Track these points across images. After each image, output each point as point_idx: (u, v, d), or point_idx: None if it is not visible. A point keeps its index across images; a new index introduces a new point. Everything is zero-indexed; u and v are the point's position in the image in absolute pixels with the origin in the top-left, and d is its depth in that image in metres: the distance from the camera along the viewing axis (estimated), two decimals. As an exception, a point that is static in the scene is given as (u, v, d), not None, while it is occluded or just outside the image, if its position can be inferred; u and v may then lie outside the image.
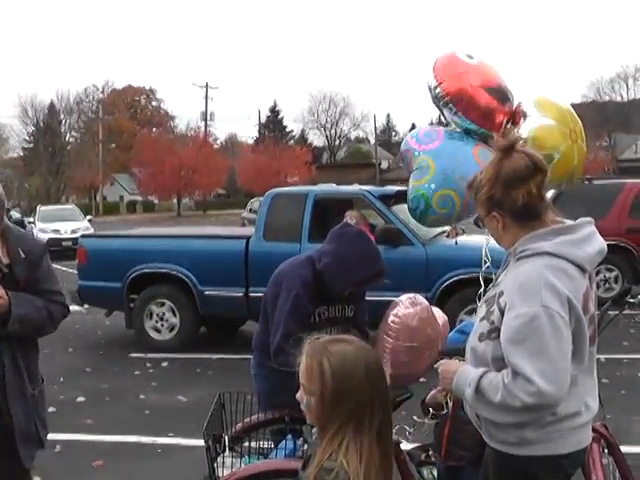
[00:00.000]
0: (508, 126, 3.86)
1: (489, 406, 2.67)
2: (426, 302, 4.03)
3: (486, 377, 2.68)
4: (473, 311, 3.44)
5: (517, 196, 2.73)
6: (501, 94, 3.97)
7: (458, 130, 4.10)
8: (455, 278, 9.26)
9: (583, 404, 2.77)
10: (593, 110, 78.85)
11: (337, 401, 2.10)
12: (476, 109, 3.93)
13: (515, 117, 3.95)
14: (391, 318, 3.90)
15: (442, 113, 4.10)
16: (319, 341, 2.19)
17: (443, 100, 4.00)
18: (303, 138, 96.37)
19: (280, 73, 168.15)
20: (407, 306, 3.92)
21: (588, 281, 2.76)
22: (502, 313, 2.69)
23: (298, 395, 2.20)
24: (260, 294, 4.65)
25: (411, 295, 4.01)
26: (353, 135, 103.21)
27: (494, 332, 2.72)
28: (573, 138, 3.73)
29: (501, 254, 2.95)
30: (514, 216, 2.78)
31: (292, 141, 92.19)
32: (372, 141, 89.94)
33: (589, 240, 2.78)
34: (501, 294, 2.74)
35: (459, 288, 9.16)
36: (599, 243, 2.81)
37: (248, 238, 10.26)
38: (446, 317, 4.18)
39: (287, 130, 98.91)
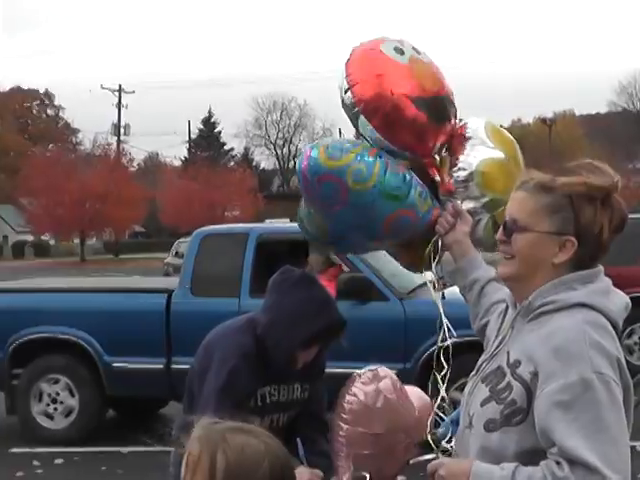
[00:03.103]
0: (444, 153, 3.70)
1: None
2: (393, 375, 4.00)
3: (520, 473, 2.59)
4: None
5: (606, 234, 2.75)
6: (436, 109, 3.64)
7: (369, 185, 3.61)
8: (443, 343, 9.24)
9: None
10: (623, 122, 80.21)
11: None
12: (397, 126, 3.63)
13: (453, 141, 3.76)
14: (346, 397, 3.86)
15: (355, 126, 3.77)
16: (216, 427, 2.19)
17: (354, 110, 3.66)
18: (247, 159, 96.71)
19: (217, 73, 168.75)
20: (366, 381, 3.88)
21: None
22: (527, 387, 2.66)
23: None
24: (185, 366, 4.63)
25: (374, 367, 3.98)
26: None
27: (517, 415, 2.68)
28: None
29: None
30: (588, 253, 2.76)
31: (232, 162, 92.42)
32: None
33: (613, 291, 2.82)
34: (517, 364, 2.73)
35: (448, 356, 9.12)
36: (623, 295, 2.84)
37: (170, 292, 10.26)
38: (428, 399, 4.15)
39: (226, 148, 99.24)
